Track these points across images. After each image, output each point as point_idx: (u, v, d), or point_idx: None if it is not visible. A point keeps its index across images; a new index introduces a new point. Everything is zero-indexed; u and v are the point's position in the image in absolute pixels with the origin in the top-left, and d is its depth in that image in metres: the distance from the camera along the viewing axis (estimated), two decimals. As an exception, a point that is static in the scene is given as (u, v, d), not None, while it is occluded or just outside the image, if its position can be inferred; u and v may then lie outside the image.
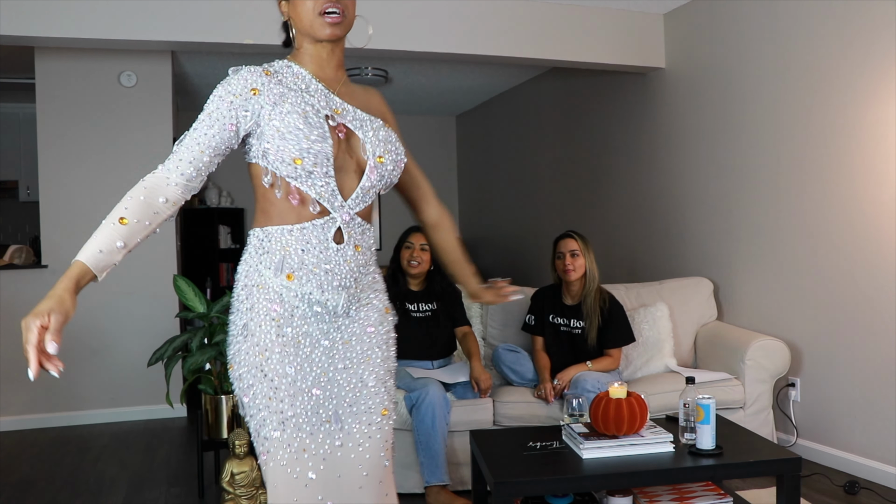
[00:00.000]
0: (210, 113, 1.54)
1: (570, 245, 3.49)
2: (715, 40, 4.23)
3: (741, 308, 4.06)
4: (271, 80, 1.56)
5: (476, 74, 6.32)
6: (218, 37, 3.90)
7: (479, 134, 7.85)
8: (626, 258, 5.18)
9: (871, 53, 3.27)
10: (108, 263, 1.46)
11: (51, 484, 3.59)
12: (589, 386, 3.19)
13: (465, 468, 3.22)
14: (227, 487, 3.00)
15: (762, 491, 3.11)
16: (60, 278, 1.41)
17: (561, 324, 3.55)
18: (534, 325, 3.60)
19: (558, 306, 3.58)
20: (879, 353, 3.29)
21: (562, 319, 3.55)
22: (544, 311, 3.59)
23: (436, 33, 4.23)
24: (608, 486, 2.52)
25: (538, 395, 3.38)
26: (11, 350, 4.62)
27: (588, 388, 3.17)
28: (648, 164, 4.90)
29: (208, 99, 1.57)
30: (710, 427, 2.45)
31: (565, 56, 4.51)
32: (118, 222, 1.45)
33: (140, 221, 1.46)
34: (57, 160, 4.74)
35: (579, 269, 3.48)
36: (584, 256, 3.48)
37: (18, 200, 6.64)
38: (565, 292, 3.58)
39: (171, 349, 3.33)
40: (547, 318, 3.58)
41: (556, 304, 3.59)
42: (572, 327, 3.52)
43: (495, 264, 7.46)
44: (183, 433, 4.51)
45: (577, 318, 3.51)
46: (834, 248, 3.49)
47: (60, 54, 4.70)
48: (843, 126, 3.42)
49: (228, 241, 7.50)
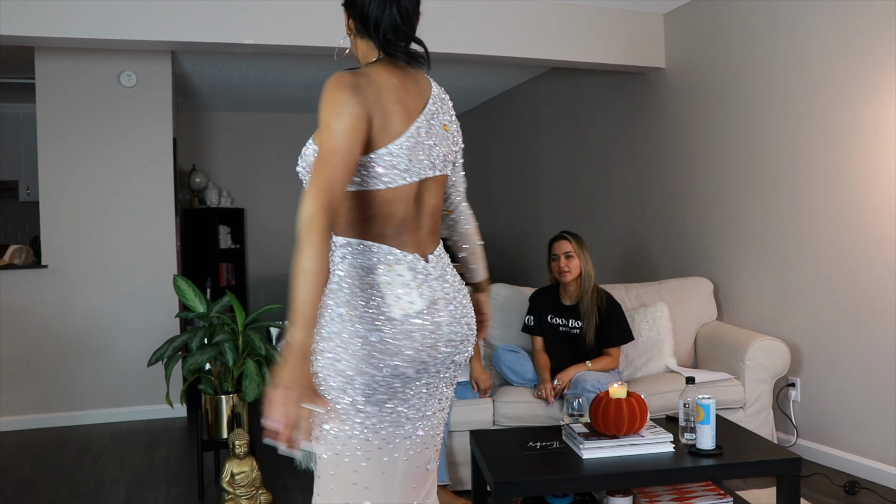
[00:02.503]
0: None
1: (564, 247, 3.51)
2: (715, 40, 4.23)
3: (741, 308, 4.06)
4: None
5: (476, 74, 6.31)
6: (218, 37, 3.90)
7: (479, 134, 7.84)
8: (626, 258, 5.18)
9: (871, 54, 3.27)
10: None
11: (51, 484, 3.59)
12: (589, 386, 3.19)
13: (465, 468, 3.22)
14: (227, 487, 3.00)
15: (762, 491, 3.11)
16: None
17: (559, 324, 3.56)
18: (532, 326, 3.61)
19: (556, 307, 3.59)
20: (879, 353, 3.28)
21: (560, 320, 3.56)
22: (543, 312, 3.60)
23: (436, 33, 4.20)
24: (608, 486, 2.52)
25: (538, 394, 3.38)
26: (11, 350, 4.63)
27: (588, 388, 3.17)
28: (648, 165, 4.90)
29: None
30: (710, 427, 2.45)
31: (565, 56, 4.51)
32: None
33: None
34: (57, 160, 4.74)
35: (574, 270, 3.48)
36: (579, 257, 3.48)
37: (18, 200, 6.64)
38: (562, 293, 3.59)
39: (171, 349, 3.33)
40: (546, 318, 3.59)
41: (555, 304, 3.59)
42: (571, 327, 3.53)
43: (495, 264, 7.45)
44: (183, 433, 4.51)
45: (575, 318, 3.52)
46: (834, 248, 3.49)
47: (60, 54, 4.70)
48: (844, 126, 3.42)
49: (228, 242, 7.50)
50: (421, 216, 1.58)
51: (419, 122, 1.54)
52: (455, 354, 1.59)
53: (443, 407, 1.65)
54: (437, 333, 1.54)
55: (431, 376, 1.56)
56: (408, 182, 1.52)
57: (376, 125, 1.47)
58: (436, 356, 1.54)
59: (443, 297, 1.56)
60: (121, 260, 4.82)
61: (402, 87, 1.54)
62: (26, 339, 4.65)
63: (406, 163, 1.51)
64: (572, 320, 3.52)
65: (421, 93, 1.58)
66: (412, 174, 1.52)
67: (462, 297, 1.62)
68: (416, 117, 1.54)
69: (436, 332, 1.53)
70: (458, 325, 1.58)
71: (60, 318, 4.73)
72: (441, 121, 1.60)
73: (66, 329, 4.73)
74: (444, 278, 1.59)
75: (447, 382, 1.63)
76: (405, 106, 1.52)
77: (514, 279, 5.39)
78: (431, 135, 1.57)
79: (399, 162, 1.50)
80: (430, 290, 1.54)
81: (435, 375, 1.57)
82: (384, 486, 1.54)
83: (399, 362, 1.49)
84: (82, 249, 4.74)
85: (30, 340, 4.66)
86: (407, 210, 1.54)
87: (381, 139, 1.48)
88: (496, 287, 3.96)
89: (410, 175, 1.52)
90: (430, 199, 1.59)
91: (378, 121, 1.47)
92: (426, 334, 1.51)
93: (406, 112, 1.52)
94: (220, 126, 7.72)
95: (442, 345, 1.55)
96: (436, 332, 1.53)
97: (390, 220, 1.52)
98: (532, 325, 3.61)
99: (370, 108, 1.45)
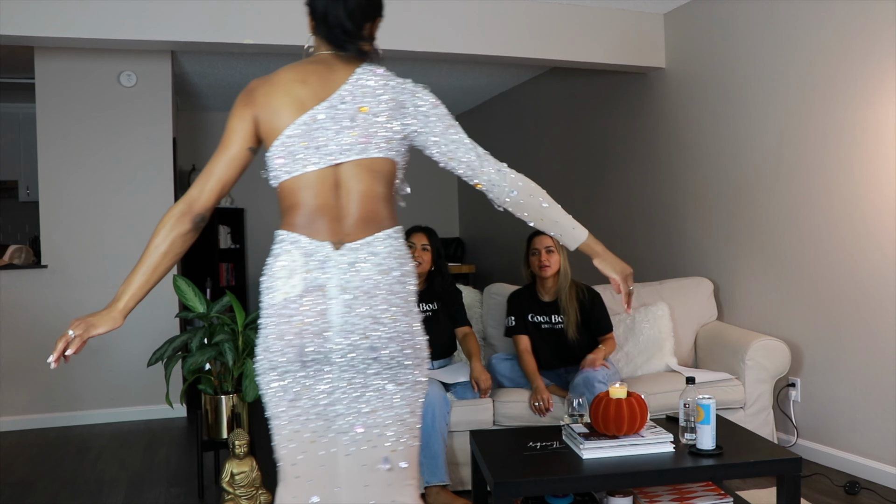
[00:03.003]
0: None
1: (545, 241, 3.48)
2: (715, 40, 4.23)
3: (741, 308, 4.06)
4: None
5: (476, 74, 6.31)
6: (218, 37, 3.90)
7: (478, 134, 7.83)
8: (626, 258, 5.13)
9: (871, 54, 3.27)
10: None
11: (50, 484, 3.59)
12: (600, 377, 3.22)
13: (465, 468, 3.22)
14: (227, 487, 2.99)
15: (762, 491, 3.11)
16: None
17: (542, 321, 3.54)
18: (515, 326, 3.53)
19: (536, 304, 3.56)
20: (879, 353, 3.28)
21: (542, 317, 3.54)
22: (523, 311, 3.56)
23: (436, 33, 4.22)
24: (608, 487, 2.52)
25: (535, 405, 3.27)
26: (11, 350, 4.62)
27: (600, 379, 3.20)
28: (648, 164, 4.90)
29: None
30: (711, 427, 2.45)
31: (565, 56, 4.51)
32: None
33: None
34: (57, 160, 4.74)
35: (554, 265, 3.48)
36: (559, 252, 3.48)
37: (18, 200, 6.64)
38: (540, 289, 3.57)
39: (171, 349, 3.33)
40: (527, 317, 3.56)
41: (534, 302, 3.57)
42: (553, 323, 3.52)
43: (495, 264, 7.46)
44: (183, 433, 4.51)
45: (556, 314, 3.52)
46: (834, 248, 3.49)
47: (60, 54, 4.70)
48: (844, 126, 3.42)
49: (228, 242, 7.50)
50: (346, 203, 1.57)
51: (317, 109, 1.57)
52: (361, 347, 1.52)
53: (388, 405, 1.57)
54: (324, 322, 1.51)
55: (343, 369, 1.53)
56: (311, 170, 1.56)
57: (264, 121, 1.59)
58: (328, 346, 1.52)
59: (338, 286, 1.52)
60: (121, 260, 4.80)
61: (301, 81, 1.59)
62: (26, 339, 4.65)
63: (302, 151, 1.56)
64: (554, 316, 3.52)
65: (329, 81, 1.60)
66: (313, 162, 1.56)
67: (373, 287, 1.53)
68: (314, 106, 1.57)
69: (319, 320, 1.51)
70: (354, 316, 1.52)
71: (60, 318, 4.71)
72: (356, 104, 1.58)
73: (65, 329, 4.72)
74: (355, 267, 1.53)
75: (385, 378, 1.56)
76: (296, 97, 1.57)
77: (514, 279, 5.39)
78: (338, 119, 1.57)
79: (294, 151, 1.56)
80: (322, 276, 1.52)
81: (349, 368, 1.53)
82: (327, 481, 1.57)
83: (285, 347, 1.52)
84: (82, 249, 4.74)
85: (30, 340, 4.66)
86: (320, 197, 1.56)
87: (273, 133, 1.58)
88: (496, 287, 3.95)
89: (310, 163, 1.56)
90: (355, 185, 1.58)
91: (265, 117, 1.59)
92: (306, 321, 1.51)
93: (298, 103, 1.57)
94: (220, 126, 7.55)
95: (334, 335, 1.51)
96: (319, 320, 1.51)
97: (302, 209, 1.57)
98: (515, 325, 3.54)
99: (257, 108, 1.59)
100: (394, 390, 1.57)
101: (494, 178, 1.66)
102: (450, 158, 1.66)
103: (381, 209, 1.60)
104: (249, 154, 1.63)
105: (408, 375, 1.58)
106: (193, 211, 1.59)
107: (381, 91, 1.60)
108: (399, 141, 1.62)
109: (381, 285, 1.54)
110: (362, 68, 1.62)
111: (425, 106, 1.64)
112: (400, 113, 1.61)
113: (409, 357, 1.57)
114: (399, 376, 1.57)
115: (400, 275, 1.57)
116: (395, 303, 1.55)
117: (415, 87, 1.65)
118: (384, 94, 1.60)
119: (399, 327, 1.55)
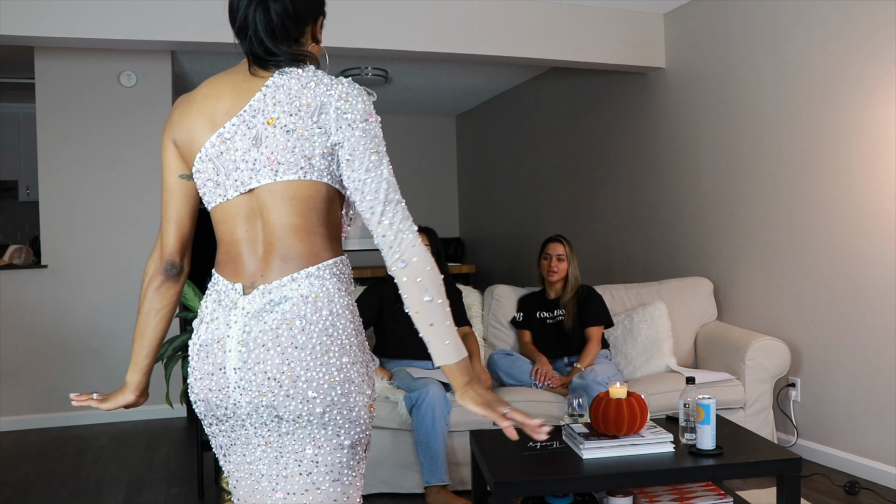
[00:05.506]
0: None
1: (557, 249, 3.75)
2: (715, 40, 4.23)
3: (741, 308, 4.06)
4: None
5: (476, 74, 6.31)
6: (218, 37, 3.89)
7: (479, 134, 7.84)
8: (626, 257, 5.18)
9: (871, 53, 3.27)
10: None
11: (51, 484, 3.59)
12: (599, 378, 3.27)
13: (465, 468, 3.22)
14: (227, 487, 2.99)
15: (762, 491, 3.11)
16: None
17: (546, 317, 3.77)
18: (521, 321, 3.83)
19: (543, 303, 3.82)
20: (879, 353, 3.28)
21: (547, 313, 3.79)
22: (532, 310, 3.83)
23: (436, 33, 4.22)
24: (608, 487, 2.52)
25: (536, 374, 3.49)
26: (11, 350, 4.62)
27: (598, 381, 3.25)
28: (648, 164, 4.90)
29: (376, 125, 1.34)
30: (711, 427, 2.45)
31: (565, 56, 4.51)
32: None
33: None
34: (57, 160, 4.74)
35: (561, 272, 3.73)
36: (569, 261, 3.74)
37: (18, 200, 6.64)
38: (547, 289, 3.83)
39: (171, 349, 3.32)
40: (534, 315, 3.81)
41: (542, 301, 3.83)
42: (556, 317, 3.76)
43: (495, 264, 7.46)
44: (183, 433, 4.51)
45: (558, 308, 3.77)
46: (834, 248, 3.49)
47: (60, 54, 4.70)
48: (844, 126, 3.42)
49: (228, 241, 7.49)
50: (262, 238, 1.33)
51: (227, 126, 1.31)
52: (261, 406, 1.29)
53: (307, 471, 1.32)
54: (222, 378, 1.31)
55: (256, 426, 1.32)
56: (225, 199, 1.34)
57: (181, 145, 1.38)
58: (228, 402, 1.32)
59: (237, 338, 1.30)
60: (121, 260, 4.82)
61: (215, 96, 1.34)
62: (26, 339, 4.65)
63: (215, 176, 1.33)
64: (556, 310, 3.75)
65: (244, 92, 1.32)
66: (227, 188, 1.33)
67: (273, 339, 1.28)
68: (224, 123, 1.32)
69: (217, 374, 1.32)
70: (249, 371, 1.28)
71: (60, 318, 4.73)
72: (265, 117, 1.30)
73: (66, 329, 4.73)
74: (260, 316, 1.29)
75: (302, 439, 1.31)
76: (208, 115, 1.33)
77: (514, 279, 5.40)
78: (248, 137, 1.30)
79: (207, 178, 1.35)
80: (223, 326, 1.32)
81: (261, 426, 1.32)
82: None
83: (197, 399, 1.38)
84: (82, 249, 4.74)
85: (30, 340, 4.66)
86: (236, 232, 1.35)
87: (189, 157, 1.37)
88: (500, 290, 3.97)
89: (226, 189, 1.33)
90: (269, 214, 1.31)
91: (182, 139, 1.37)
92: (206, 374, 1.34)
93: (209, 120, 1.33)
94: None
95: (232, 390, 1.31)
96: (217, 374, 1.32)
97: (222, 245, 1.40)
98: (521, 320, 3.84)
99: (173, 130, 1.38)
100: (312, 454, 1.32)
101: (388, 236, 1.32)
102: (355, 189, 1.32)
103: (302, 244, 1.32)
104: (184, 182, 1.41)
105: (329, 437, 1.31)
106: (163, 261, 1.47)
107: (300, 96, 1.30)
108: (323, 157, 1.30)
109: (284, 336, 1.28)
110: (280, 71, 1.32)
111: (351, 113, 1.30)
112: (321, 120, 1.29)
113: (326, 415, 1.29)
114: (318, 438, 1.31)
115: (322, 322, 1.30)
116: (301, 358, 1.27)
117: (349, 89, 1.31)
118: (302, 98, 1.29)
119: (302, 384, 1.27)
